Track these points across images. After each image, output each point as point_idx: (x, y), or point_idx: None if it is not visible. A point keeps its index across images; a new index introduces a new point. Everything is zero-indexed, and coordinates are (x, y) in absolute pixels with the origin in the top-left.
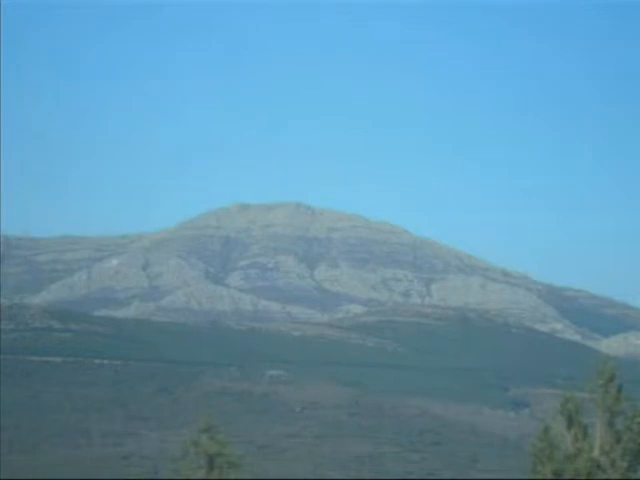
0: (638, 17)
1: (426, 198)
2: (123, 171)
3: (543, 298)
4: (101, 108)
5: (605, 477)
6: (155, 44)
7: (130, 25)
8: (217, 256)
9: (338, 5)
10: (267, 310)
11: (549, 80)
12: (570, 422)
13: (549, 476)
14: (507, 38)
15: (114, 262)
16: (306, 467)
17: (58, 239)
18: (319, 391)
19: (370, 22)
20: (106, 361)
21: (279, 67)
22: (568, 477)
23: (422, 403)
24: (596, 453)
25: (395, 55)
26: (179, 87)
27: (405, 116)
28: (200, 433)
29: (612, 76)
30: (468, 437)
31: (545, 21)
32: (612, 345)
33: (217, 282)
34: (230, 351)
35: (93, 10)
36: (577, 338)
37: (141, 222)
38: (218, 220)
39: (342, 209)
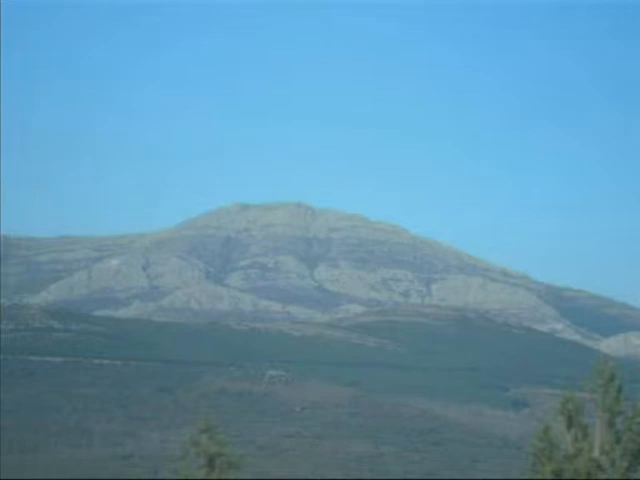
0: (638, 17)
1: (426, 198)
2: (123, 171)
3: (543, 298)
4: (101, 108)
5: (605, 477)
6: (155, 44)
7: (130, 25)
8: (217, 256)
9: (338, 5)
10: (267, 310)
11: (550, 80)
12: (570, 422)
13: (549, 476)
14: (507, 38)
15: (114, 262)
16: (306, 467)
17: (58, 239)
18: (319, 391)
19: (370, 22)
20: (106, 361)
21: (279, 67)
22: (568, 477)
23: (422, 403)
24: (596, 453)
25: (395, 55)
26: (179, 87)
27: (405, 116)
28: (200, 433)
29: (614, 77)
30: (468, 437)
31: (546, 21)
32: (612, 345)
33: (217, 282)
34: (230, 351)
35: (93, 10)
36: (577, 338)
37: (141, 222)
38: (218, 220)
39: (342, 209)
